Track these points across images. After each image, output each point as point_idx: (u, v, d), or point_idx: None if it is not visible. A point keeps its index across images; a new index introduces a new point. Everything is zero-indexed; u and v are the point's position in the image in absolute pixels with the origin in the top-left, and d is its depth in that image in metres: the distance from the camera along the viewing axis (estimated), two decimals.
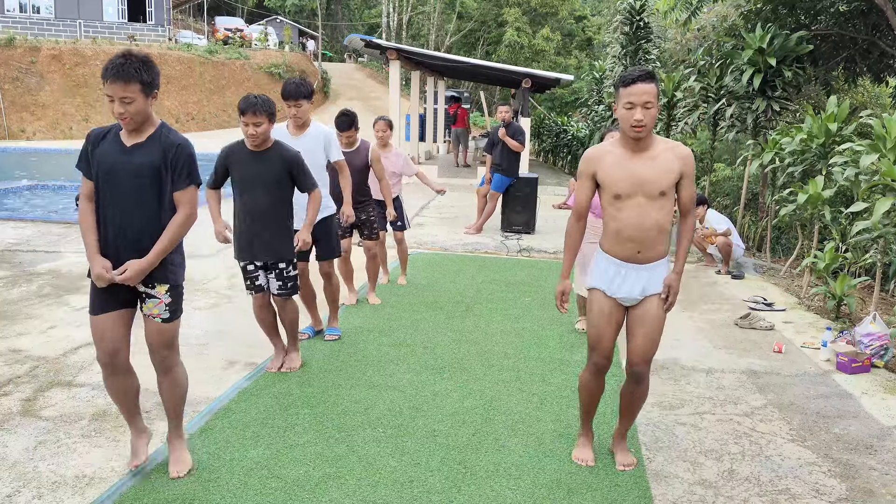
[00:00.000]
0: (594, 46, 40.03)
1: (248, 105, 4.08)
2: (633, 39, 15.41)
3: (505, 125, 9.39)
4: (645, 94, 3.05)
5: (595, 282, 3.36)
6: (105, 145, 3.05)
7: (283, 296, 4.45)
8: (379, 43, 15.69)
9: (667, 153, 3.18)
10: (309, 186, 4.37)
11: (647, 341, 3.31)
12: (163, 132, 3.06)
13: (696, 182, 12.97)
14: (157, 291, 3.12)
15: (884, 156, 5.76)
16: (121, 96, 2.90)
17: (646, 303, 3.30)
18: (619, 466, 3.49)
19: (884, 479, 3.49)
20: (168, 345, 3.21)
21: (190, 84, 31.00)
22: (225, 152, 4.35)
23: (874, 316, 5.35)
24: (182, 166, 3.06)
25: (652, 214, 3.18)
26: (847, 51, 10.22)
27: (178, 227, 3.06)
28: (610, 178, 3.20)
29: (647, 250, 3.22)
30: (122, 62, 2.89)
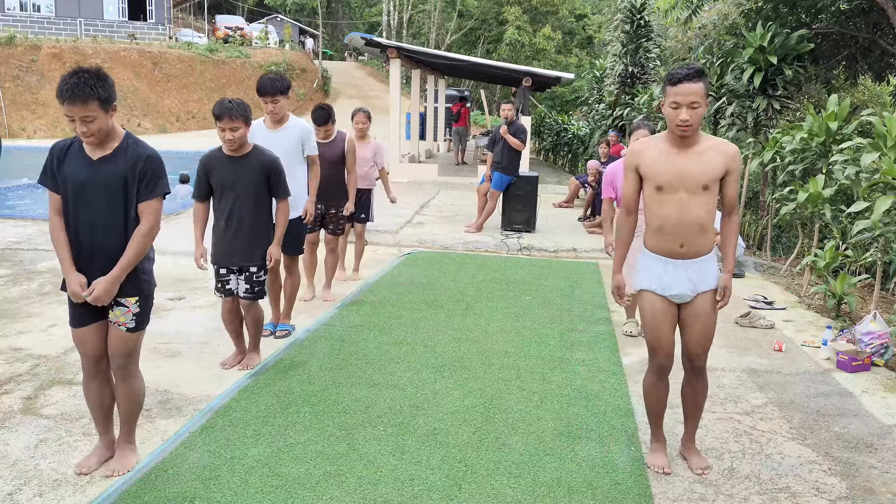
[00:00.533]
0: (595, 45, 40.01)
1: (224, 110, 4.07)
2: (634, 38, 15.40)
3: (507, 123, 9.38)
4: (692, 94, 3.05)
5: (645, 283, 3.35)
6: (71, 159, 3.04)
7: (250, 299, 4.47)
8: (379, 41, 15.68)
9: (712, 150, 3.19)
10: (281, 194, 4.42)
11: (702, 336, 3.33)
12: (129, 143, 3.07)
13: None
14: (126, 300, 3.13)
15: (884, 154, 5.76)
16: (81, 116, 2.88)
17: (698, 300, 3.30)
18: (696, 471, 3.45)
19: (884, 478, 3.49)
20: (128, 353, 3.21)
21: (190, 82, 31.02)
22: (204, 160, 4.36)
23: (874, 314, 5.35)
24: (150, 178, 3.06)
25: (694, 209, 3.18)
26: (848, 49, 10.22)
27: (142, 239, 3.07)
28: (652, 171, 3.21)
29: (690, 245, 3.23)
30: (75, 81, 2.86)
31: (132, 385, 3.28)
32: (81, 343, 3.19)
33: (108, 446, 3.36)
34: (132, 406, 3.32)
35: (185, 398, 4.11)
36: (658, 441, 3.59)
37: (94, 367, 3.22)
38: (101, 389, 3.27)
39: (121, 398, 3.29)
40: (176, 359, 4.75)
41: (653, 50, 15.63)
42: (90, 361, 3.21)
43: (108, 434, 3.37)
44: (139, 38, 33.96)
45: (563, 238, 9.46)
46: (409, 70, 18.81)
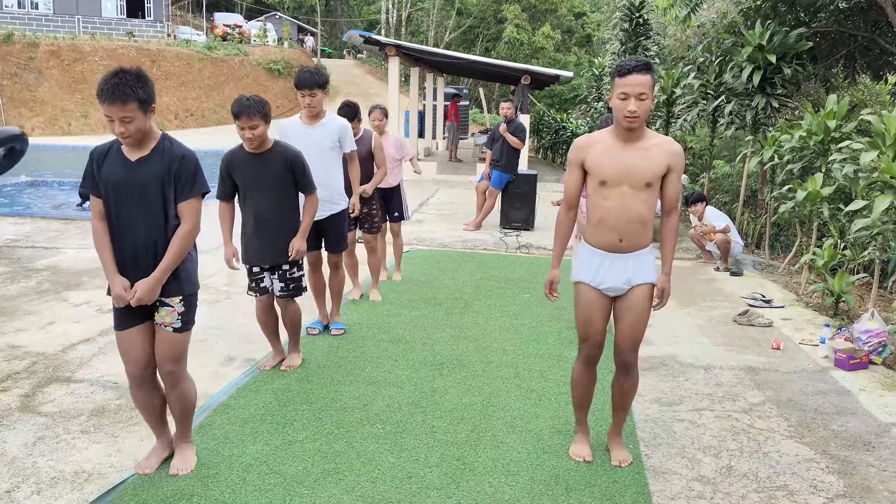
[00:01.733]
0: (593, 43, 40.01)
1: (242, 108, 4.01)
2: (633, 36, 15.41)
3: (507, 121, 9.38)
4: (640, 85, 3.05)
5: (580, 274, 3.37)
6: (110, 162, 3.03)
7: (286, 297, 4.44)
8: (378, 39, 15.66)
9: (657, 147, 3.19)
10: (308, 188, 4.34)
11: (633, 329, 3.33)
12: (166, 144, 3.05)
13: (695, 179, 13.00)
14: (171, 300, 3.12)
15: (883, 153, 5.76)
16: (120, 116, 2.87)
17: (631, 293, 3.31)
18: (614, 462, 3.49)
19: (881, 476, 3.50)
20: (177, 357, 3.19)
21: (188, 80, 30.96)
22: (226, 159, 4.28)
23: (872, 313, 5.36)
24: (187, 177, 3.04)
25: (635, 205, 3.19)
26: (846, 48, 10.22)
27: (184, 240, 3.06)
28: (597, 166, 3.21)
29: (629, 240, 3.23)
30: (116, 82, 2.85)
31: (183, 389, 3.25)
32: (126, 348, 3.13)
33: (166, 445, 3.36)
34: (186, 408, 3.30)
35: None
36: (581, 431, 3.62)
37: (140, 374, 3.16)
38: (149, 396, 3.24)
39: (173, 402, 3.26)
40: None
41: (651, 48, 15.64)
42: (136, 367, 3.14)
43: (164, 435, 3.36)
44: (137, 36, 33.89)
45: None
46: (408, 68, 18.80)
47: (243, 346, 4.99)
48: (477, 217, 9.79)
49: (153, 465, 3.27)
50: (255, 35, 38.76)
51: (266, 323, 4.54)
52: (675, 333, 5.67)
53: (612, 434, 3.62)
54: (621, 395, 3.50)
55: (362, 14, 49.80)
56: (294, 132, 4.93)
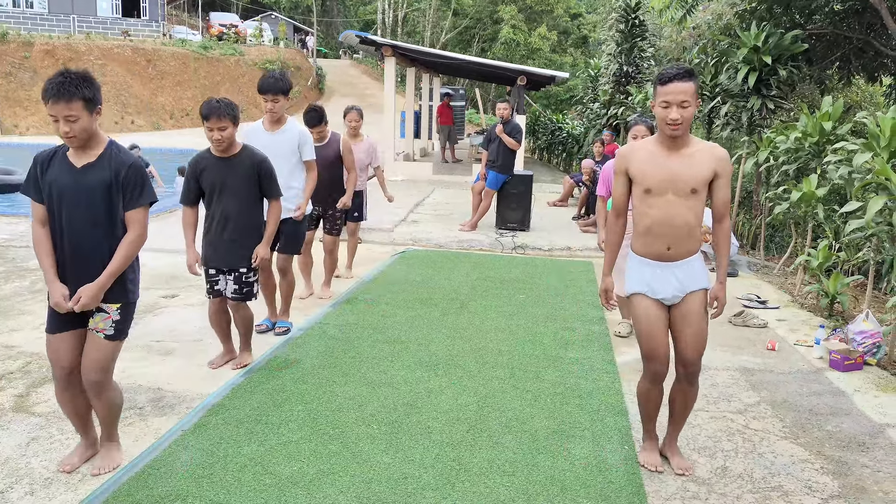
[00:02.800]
0: (590, 44, 40.06)
1: (211, 110, 4.02)
2: (629, 37, 15.43)
3: (503, 122, 9.38)
4: (682, 93, 3.04)
5: (634, 286, 3.33)
6: (55, 167, 3.02)
7: (238, 300, 4.43)
8: (374, 39, 15.65)
9: (703, 153, 3.18)
10: (273, 194, 4.38)
11: (696, 338, 3.29)
12: (113, 151, 3.05)
13: None
14: (107, 307, 3.10)
15: (877, 154, 5.78)
16: (65, 115, 2.87)
17: (688, 300, 3.28)
18: (676, 471, 3.45)
19: (875, 477, 3.50)
20: (104, 367, 3.14)
21: (184, 80, 30.91)
22: (193, 163, 4.30)
23: (867, 314, 5.37)
24: (135, 186, 3.04)
25: (682, 212, 3.17)
26: (841, 50, 10.26)
27: (130, 247, 3.05)
28: (641, 173, 3.20)
29: (677, 247, 3.22)
30: (61, 80, 2.86)
31: (107, 398, 3.22)
32: (55, 352, 3.12)
33: (90, 444, 3.34)
34: (111, 414, 3.28)
35: (177, 396, 4.09)
36: (651, 440, 3.59)
37: (65, 378, 3.16)
38: (74, 398, 3.22)
39: (97, 410, 3.25)
40: (169, 357, 4.74)
41: (647, 49, 15.67)
42: (63, 372, 3.14)
43: (88, 434, 3.34)
44: (133, 35, 33.82)
45: (558, 237, 9.47)
46: (404, 68, 18.80)
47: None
48: (473, 217, 9.79)
49: (74, 464, 3.24)
50: (251, 35, 38.70)
51: (217, 324, 4.55)
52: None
53: (670, 443, 3.58)
54: (684, 406, 3.46)
55: (358, 14, 49.78)
56: (256, 137, 4.99)
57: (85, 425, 3.32)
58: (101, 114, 3.03)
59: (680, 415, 3.51)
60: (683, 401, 3.46)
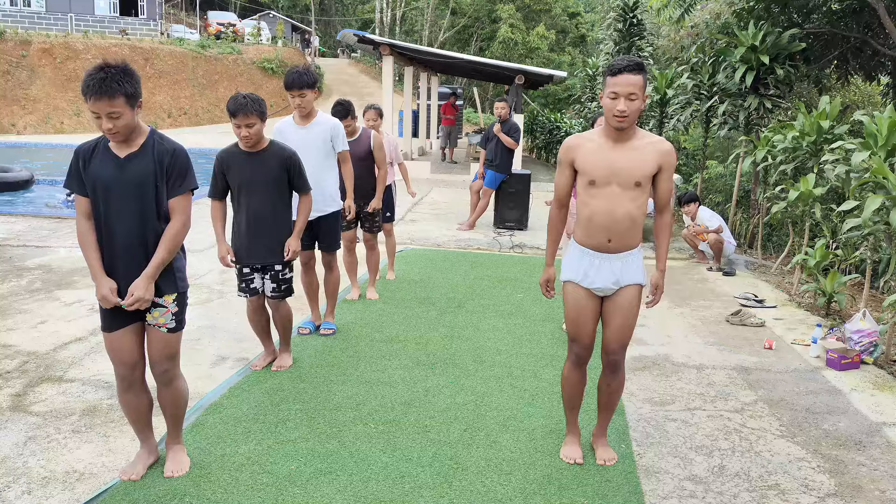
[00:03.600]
0: (588, 43, 40.07)
1: (238, 106, 3.97)
2: (627, 36, 15.44)
3: (501, 121, 9.38)
4: (630, 85, 3.04)
5: (569, 274, 3.37)
6: (97, 160, 2.96)
7: (277, 298, 4.41)
8: (372, 38, 15.65)
9: (648, 146, 3.19)
10: (303, 188, 4.31)
11: (621, 330, 3.33)
12: (155, 139, 3.00)
13: (688, 179, 13.00)
14: (164, 300, 3.07)
15: (874, 153, 5.79)
16: (107, 112, 2.81)
17: (620, 293, 3.32)
18: (599, 461, 3.50)
19: (872, 475, 3.51)
20: (171, 356, 3.16)
21: (182, 79, 30.87)
22: (220, 158, 4.23)
23: (864, 313, 5.38)
24: (179, 172, 3.00)
25: (625, 204, 3.18)
26: (839, 49, 10.27)
27: (175, 236, 3.00)
28: (586, 165, 3.21)
29: (618, 240, 3.23)
30: (102, 76, 2.79)
31: (178, 387, 3.22)
32: (116, 350, 3.07)
33: (151, 451, 3.30)
34: (179, 407, 3.27)
35: None
36: (572, 432, 3.61)
37: (129, 375, 3.12)
38: (138, 399, 3.19)
39: (166, 402, 3.23)
40: None
41: (645, 48, 15.67)
42: (125, 369, 3.10)
43: (149, 440, 3.31)
44: (130, 34, 33.78)
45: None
46: (402, 67, 18.79)
47: (235, 345, 4.98)
48: (471, 217, 9.79)
49: (139, 472, 3.20)
50: (249, 34, 38.68)
51: (257, 323, 4.52)
52: (668, 333, 5.68)
53: (598, 434, 3.62)
54: (608, 395, 3.51)
55: (357, 13, 49.75)
56: (289, 132, 4.93)
57: (147, 429, 3.29)
58: (143, 106, 2.97)
59: (605, 405, 3.54)
60: (608, 391, 3.49)
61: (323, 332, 5.23)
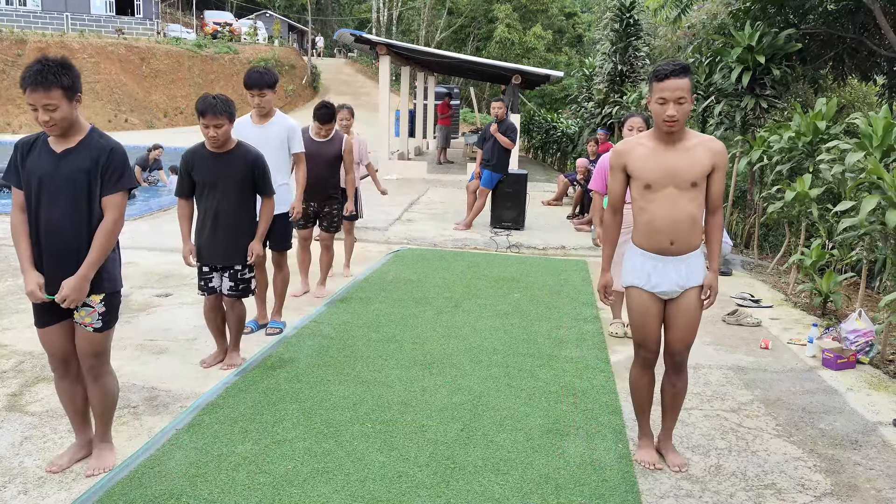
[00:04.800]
0: (584, 43, 40.11)
1: (207, 106, 3.99)
2: (623, 36, 15.44)
3: (498, 121, 9.38)
4: (678, 89, 3.05)
5: (632, 279, 3.36)
6: (35, 154, 2.98)
7: (234, 297, 4.43)
8: (369, 38, 15.62)
9: (699, 146, 3.19)
10: (266, 191, 4.37)
11: (686, 332, 3.35)
12: (94, 136, 3.00)
13: None
14: (91, 300, 3.06)
15: (870, 154, 5.80)
16: (43, 104, 2.82)
17: (684, 295, 3.32)
18: (672, 467, 3.47)
19: (868, 474, 3.52)
20: (97, 354, 3.15)
21: (178, 78, 30.83)
22: (186, 157, 4.27)
23: (860, 312, 5.40)
24: (114, 170, 2.99)
25: (684, 205, 3.18)
26: (835, 49, 10.29)
27: (108, 234, 2.99)
28: (640, 169, 3.21)
29: (680, 242, 3.23)
30: (39, 68, 2.81)
31: (104, 384, 3.22)
32: (48, 344, 3.13)
33: (83, 445, 3.31)
34: (106, 405, 3.27)
35: (171, 395, 4.09)
36: (645, 436, 3.60)
37: (62, 367, 3.17)
38: (71, 388, 3.23)
39: (93, 398, 3.23)
40: (163, 355, 4.73)
41: (642, 49, 15.69)
42: (58, 361, 3.16)
43: (84, 433, 3.32)
44: (127, 33, 33.72)
45: (552, 236, 9.48)
46: (399, 67, 18.77)
47: None
48: (467, 216, 9.79)
49: (62, 465, 3.22)
50: (246, 33, 38.65)
51: (213, 321, 4.53)
52: None
53: (664, 438, 3.60)
54: (674, 396, 3.50)
55: (353, 12, 49.72)
56: (245, 130, 4.95)
57: (82, 422, 3.31)
58: (82, 101, 2.97)
59: (671, 408, 3.53)
60: (673, 392, 3.49)
61: (269, 332, 5.22)
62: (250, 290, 4.47)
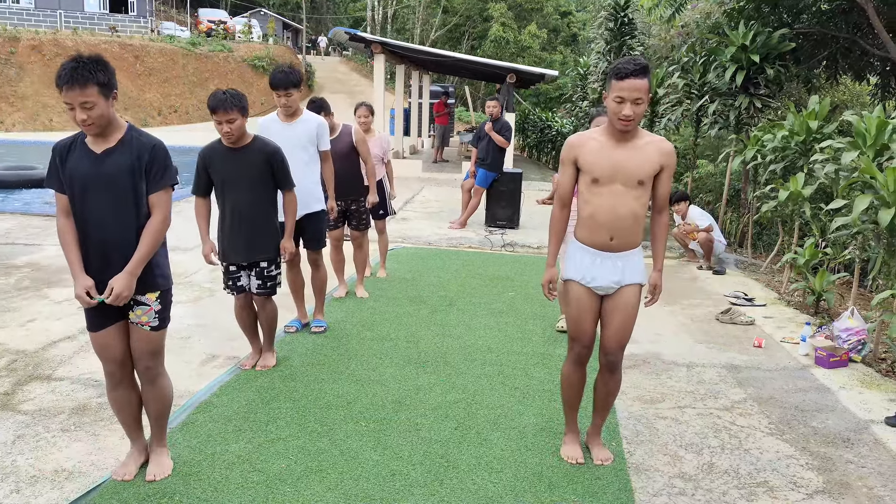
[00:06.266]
0: (579, 42, 40.14)
1: (218, 102, 3.94)
2: (618, 35, 15.45)
3: (493, 120, 9.38)
4: (636, 90, 3.05)
5: (571, 273, 3.38)
6: (74, 156, 2.92)
7: (263, 295, 4.40)
8: (363, 36, 15.61)
9: (650, 145, 3.22)
10: (286, 185, 4.30)
11: (621, 330, 3.35)
12: (133, 134, 2.96)
13: (679, 178, 13.01)
14: (146, 298, 3.04)
15: (863, 153, 5.82)
16: (80, 102, 2.77)
17: (621, 292, 3.33)
18: (596, 461, 3.51)
19: (860, 472, 3.54)
20: (155, 353, 3.13)
21: (172, 76, 30.73)
22: (203, 154, 4.21)
23: (852, 311, 5.42)
24: (158, 167, 2.96)
25: (628, 202, 3.20)
26: (828, 49, 10.32)
27: (156, 232, 2.96)
28: (590, 163, 3.23)
29: (620, 238, 3.25)
30: (74, 66, 2.76)
31: (161, 385, 3.20)
32: (103, 348, 3.06)
33: (141, 450, 3.28)
34: (163, 407, 3.24)
35: None
36: (572, 432, 3.62)
37: (118, 372, 3.11)
38: (127, 396, 3.18)
39: (149, 400, 3.20)
40: None
41: (636, 48, 15.70)
42: (114, 366, 3.09)
43: (140, 439, 3.28)
44: (120, 31, 33.58)
45: (547, 235, 9.46)
46: (394, 65, 18.77)
47: (226, 343, 4.96)
48: (462, 215, 9.80)
49: (132, 472, 3.19)
50: (240, 31, 38.54)
51: (244, 321, 4.51)
52: (659, 331, 5.70)
53: (593, 434, 3.63)
54: (605, 395, 3.51)
55: (348, 11, 49.64)
56: (275, 129, 4.91)
57: (137, 427, 3.27)
58: (118, 98, 2.94)
59: (602, 404, 3.54)
60: (605, 391, 3.50)
61: (314, 330, 5.22)
62: (277, 286, 4.43)
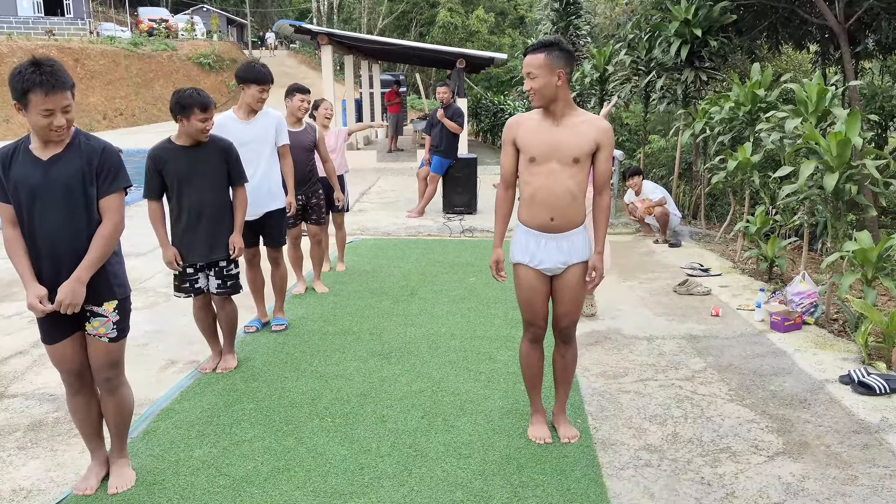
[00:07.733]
0: (527, 24, 40.22)
1: (205, 100, 3.92)
2: (564, 16, 15.56)
3: (444, 106, 9.35)
4: (528, 65, 3.20)
5: (518, 256, 3.42)
6: (18, 164, 2.80)
7: (224, 294, 4.32)
8: (309, 28, 15.39)
9: (586, 124, 3.26)
10: (241, 180, 4.23)
11: (570, 306, 3.42)
12: (81, 139, 2.86)
13: (631, 154, 13.17)
14: (103, 309, 2.95)
15: (806, 120, 5.96)
16: (63, 106, 2.67)
17: (569, 271, 3.37)
18: (563, 439, 3.54)
19: (817, 431, 3.63)
20: (114, 364, 3.04)
21: (115, 78, 29.98)
22: (153, 155, 4.09)
23: (803, 275, 5.55)
24: (109, 171, 2.85)
25: (564, 180, 3.24)
26: (769, 19, 10.51)
27: (107, 238, 2.86)
28: (527, 142, 3.28)
29: (560, 218, 3.28)
30: (49, 69, 2.64)
31: (121, 394, 3.11)
32: (59, 360, 2.97)
33: (102, 463, 3.19)
34: (123, 417, 3.16)
35: None
36: (537, 412, 3.66)
37: (77, 383, 3.02)
38: (87, 403, 3.09)
39: (109, 411, 3.11)
40: None
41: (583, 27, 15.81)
42: (72, 377, 3.01)
43: (100, 450, 3.20)
44: (58, 34, 32.60)
45: None
46: (342, 56, 18.57)
47: (185, 348, 4.88)
48: (419, 203, 9.77)
49: (93, 486, 3.11)
50: (183, 29, 37.76)
51: (203, 322, 4.43)
52: (618, 307, 5.77)
53: (558, 412, 3.66)
54: (563, 367, 3.56)
55: (293, 3, 48.93)
56: (233, 127, 4.82)
57: (97, 438, 3.18)
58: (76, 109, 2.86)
59: (561, 377, 3.59)
60: (563, 363, 3.56)
61: (275, 329, 5.16)
62: (238, 285, 4.35)
